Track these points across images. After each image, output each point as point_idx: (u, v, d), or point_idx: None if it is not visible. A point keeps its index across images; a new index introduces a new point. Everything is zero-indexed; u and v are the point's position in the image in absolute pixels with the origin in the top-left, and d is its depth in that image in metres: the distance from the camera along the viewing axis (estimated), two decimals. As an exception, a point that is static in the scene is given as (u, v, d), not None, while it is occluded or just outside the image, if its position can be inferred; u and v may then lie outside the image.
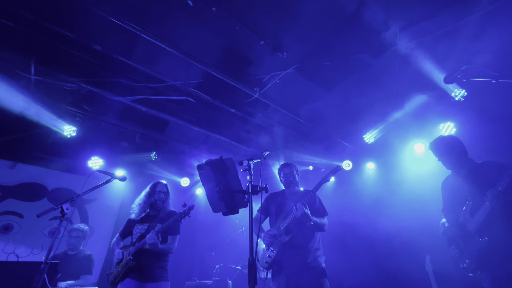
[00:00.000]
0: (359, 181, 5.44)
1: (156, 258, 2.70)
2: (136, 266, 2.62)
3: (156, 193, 2.91)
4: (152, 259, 2.67)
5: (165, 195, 2.94)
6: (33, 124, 3.98)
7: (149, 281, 2.61)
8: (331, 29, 3.05)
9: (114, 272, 2.68)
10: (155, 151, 5.15)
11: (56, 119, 4.06)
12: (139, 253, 2.64)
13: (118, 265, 2.68)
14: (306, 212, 2.44)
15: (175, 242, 2.81)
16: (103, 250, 5.13)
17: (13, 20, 2.88)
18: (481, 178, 2.18)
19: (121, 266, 2.64)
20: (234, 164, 1.80)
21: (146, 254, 2.64)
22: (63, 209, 2.04)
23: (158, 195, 2.90)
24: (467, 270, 2.19)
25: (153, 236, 2.56)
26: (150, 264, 2.65)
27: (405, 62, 3.34)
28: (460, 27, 2.90)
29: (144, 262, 2.64)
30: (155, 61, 3.48)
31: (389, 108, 4.19)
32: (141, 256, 2.64)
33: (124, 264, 2.64)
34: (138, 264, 2.63)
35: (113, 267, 2.73)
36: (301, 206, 2.44)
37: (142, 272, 2.62)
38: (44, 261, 1.90)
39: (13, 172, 4.65)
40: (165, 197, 2.93)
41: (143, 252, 2.64)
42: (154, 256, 2.68)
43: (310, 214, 2.47)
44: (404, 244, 4.19)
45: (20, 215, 4.55)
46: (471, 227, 2.17)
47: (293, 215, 2.50)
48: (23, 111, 3.71)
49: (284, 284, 2.42)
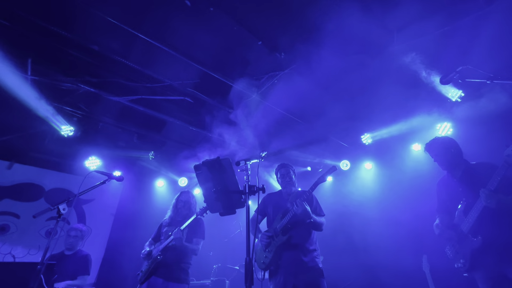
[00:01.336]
0: (356, 181, 5.46)
1: (182, 255, 2.94)
2: (163, 261, 2.86)
3: (178, 201, 3.30)
4: (178, 256, 2.92)
5: (185, 203, 3.25)
6: (30, 124, 3.97)
7: (172, 280, 2.83)
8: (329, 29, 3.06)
9: (143, 269, 2.94)
10: (152, 151, 5.14)
11: (53, 119, 4.05)
12: (166, 249, 2.89)
13: (148, 261, 2.95)
14: (307, 209, 2.44)
15: (199, 244, 3.07)
16: (101, 250, 5.12)
17: (9, 19, 2.87)
18: (475, 178, 2.20)
19: (150, 263, 2.90)
20: (231, 164, 1.80)
21: (172, 251, 2.89)
22: (60, 209, 2.04)
23: (179, 203, 3.27)
24: (462, 270, 2.21)
25: (178, 231, 2.86)
26: (176, 262, 2.90)
27: (402, 63, 3.35)
28: (457, 28, 2.92)
29: (170, 259, 2.88)
30: (153, 61, 3.48)
31: (387, 109, 4.21)
32: (168, 252, 2.89)
33: (153, 260, 2.88)
34: (165, 260, 2.87)
35: (143, 266, 2.98)
36: (301, 203, 2.44)
37: (168, 268, 2.86)
38: (40, 262, 1.89)
39: (10, 172, 4.63)
40: (185, 205, 3.24)
41: (170, 248, 2.90)
42: (180, 254, 2.93)
43: (310, 211, 2.48)
44: (401, 244, 4.22)
45: (17, 215, 4.53)
46: (464, 227, 2.19)
47: (292, 213, 2.50)
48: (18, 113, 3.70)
49: (282, 284, 2.42)
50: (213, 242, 5.68)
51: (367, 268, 4.49)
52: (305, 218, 2.47)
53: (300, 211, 2.42)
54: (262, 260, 2.58)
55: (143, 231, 4.76)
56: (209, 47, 3.29)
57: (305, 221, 2.49)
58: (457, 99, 3.77)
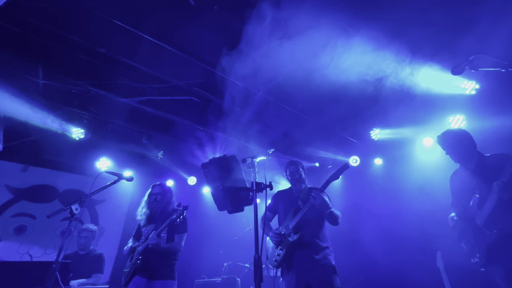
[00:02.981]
0: (366, 177, 5.38)
1: (163, 256, 2.77)
2: (143, 264, 2.70)
3: (150, 195, 3.03)
4: (159, 258, 2.75)
5: (159, 196, 2.99)
6: (43, 127, 4.08)
7: (157, 278, 2.69)
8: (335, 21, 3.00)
9: (126, 271, 2.81)
10: (161, 150, 5.20)
11: (65, 123, 4.16)
12: (146, 252, 2.72)
13: (129, 261, 2.82)
14: (325, 199, 2.40)
15: (182, 240, 2.87)
16: (114, 250, 5.23)
17: (20, 26, 2.95)
18: (489, 171, 2.13)
19: (131, 265, 2.76)
20: (238, 162, 1.80)
21: (153, 253, 2.72)
22: (72, 209, 2.08)
23: (151, 197, 3.01)
24: (478, 265, 2.15)
25: (154, 237, 2.66)
26: (157, 263, 2.73)
27: (413, 52, 3.26)
28: (470, 15, 2.80)
29: (152, 261, 2.72)
30: (159, 61, 3.51)
31: (396, 103, 4.11)
32: (149, 255, 2.72)
33: (133, 263, 2.74)
34: (146, 263, 2.71)
35: (126, 266, 2.86)
36: (318, 193, 2.39)
37: (150, 270, 2.71)
38: (55, 261, 1.94)
39: (25, 174, 4.78)
40: (159, 198, 2.98)
41: (150, 251, 2.71)
42: (161, 254, 2.75)
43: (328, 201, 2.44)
44: (414, 239, 4.14)
45: (33, 216, 4.68)
46: (479, 221, 2.13)
47: (307, 207, 2.46)
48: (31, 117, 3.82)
49: (294, 282, 2.40)
50: (223, 240, 5.73)
51: (379, 264, 4.42)
52: (324, 209, 2.42)
53: (319, 202, 2.37)
54: (274, 258, 2.56)
55: (154, 230, 4.83)
56: (214, 46, 3.29)
57: (324, 211, 2.45)
58: (471, 91, 3.64)
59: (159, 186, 3.10)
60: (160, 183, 3.14)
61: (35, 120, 3.91)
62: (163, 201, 2.98)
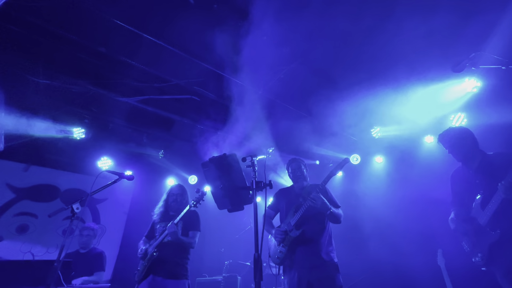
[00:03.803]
0: (367, 175, 5.37)
1: (178, 251, 2.85)
2: (159, 258, 2.78)
3: (170, 196, 3.15)
4: (174, 252, 2.82)
5: (178, 196, 3.11)
6: (44, 128, 4.10)
7: (171, 277, 2.75)
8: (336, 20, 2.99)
9: (140, 268, 2.86)
10: (162, 150, 5.21)
11: (64, 126, 4.20)
12: (161, 246, 2.81)
13: (144, 260, 2.87)
14: (324, 201, 2.41)
15: (195, 237, 2.97)
16: (115, 248, 5.25)
17: (20, 25, 2.95)
18: (492, 169, 2.11)
19: (146, 261, 2.82)
20: (237, 160, 1.80)
21: (168, 247, 2.80)
22: (73, 208, 2.09)
23: (171, 197, 3.13)
24: (479, 264, 2.15)
25: (172, 225, 2.76)
26: (172, 258, 2.80)
27: (413, 52, 3.24)
28: (472, 11, 2.78)
29: (166, 255, 2.79)
30: (159, 61, 3.50)
31: (398, 100, 4.10)
32: (163, 249, 2.80)
33: (149, 258, 2.80)
34: (161, 257, 2.78)
35: (139, 264, 2.90)
36: (318, 195, 2.40)
37: (165, 265, 2.77)
38: (56, 259, 1.95)
39: (26, 174, 4.80)
40: (179, 198, 3.10)
41: (165, 245, 2.81)
42: (176, 249, 2.84)
43: (328, 202, 2.45)
44: (415, 237, 4.14)
45: (35, 215, 4.70)
46: (482, 220, 2.11)
47: (306, 206, 2.47)
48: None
49: (296, 279, 2.40)
50: (225, 238, 5.74)
51: (380, 262, 4.43)
52: (324, 210, 2.44)
53: (319, 204, 2.39)
54: (277, 256, 2.57)
55: (155, 228, 4.85)
56: (214, 44, 3.28)
57: (324, 213, 2.46)
58: (472, 89, 3.62)
59: (179, 187, 3.22)
60: (179, 185, 3.28)
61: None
62: (182, 203, 3.09)
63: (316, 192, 2.43)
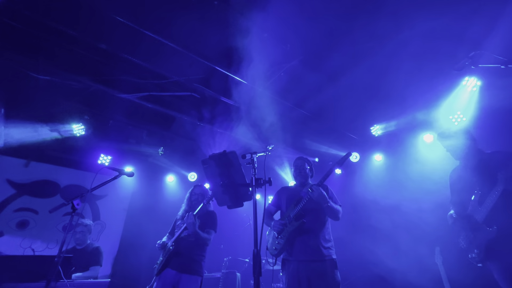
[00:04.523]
0: (366, 173, 5.39)
1: (194, 246, 2.97)
2: (175, 251, 2.92)
3: (192, 195, 3.33)
4: (190, 246, 2.96)
5: (199, 196, 3.26)
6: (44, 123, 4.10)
7: (186, 272, 2.86)
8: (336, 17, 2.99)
9: (158, 261, 3.01)
10: (162, 146, 5.21)
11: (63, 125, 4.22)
12: (179, 240, 2.97)
13: (162, 252, 3.03)
14: (322, 192, 2.44)
15: (211, 235, 3.09)
16: (115, 244, 5.27)
17: (19, 21, 2.94)
18: (490, 168, 2.13)
19: (164, 254, 2.98)
20: (237, 157, 1.81)
21: (185, 241, 2.96)
22: (74, 204, 2.10)
23: (194, 196, 3.30)
24: (475, 260, 2.17)
25: (191, 216, 2.90)
26: (189, 252, 2.94)
27: (414, 50, 3.24)
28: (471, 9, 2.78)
29: (183, 249, 2.94)
30: (159, 57, 3.50)
31: (397, 99, 4.10)
32: (180, 243, 2.96)
33: (166, 251, 2.95)
34: (177, 250, 2.93)
35: (159, 258, 3.04)
36: (317, 187, 2.44)
37: (181, 259, 2.90)
38: (57, 255, 1.97)
39: (27, 170, 4.80)
40: (200, 198, 3.24)
41: (182, 239, 2.97)
42: (193, 244, 2.96)
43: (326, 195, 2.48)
44: (413, 235, 4.16)
45: (35, 211, 4.71)
46: (479, 217, 2.14)
47: (307, 198, 2.50)
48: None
49: (296, 276, 2.41)
50: (224, 235, 5.75)
51: (377, 260, 4.46)
52: (321, 202, 2.46)
53: (316, 195, 2.42)
54: (275, 246, 2.60)
55: (155, 225, 4.88)
56: (214, 41, 3.28)
57: (322, 205, 2.48)
58: (472, 88, 3.62)
59: (200, 187, 3.39)
60: (200, 185, 3.44)
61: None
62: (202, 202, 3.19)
63: (316, 185, 2.47)
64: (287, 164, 5.80)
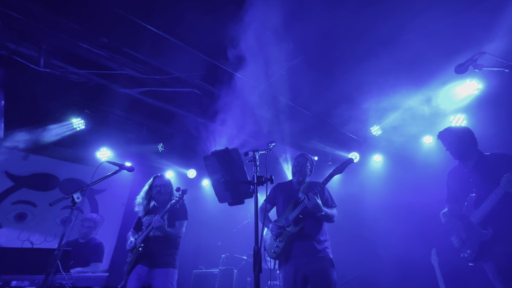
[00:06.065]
0: (365, 174, 5.41)
1: (165, 244, 2.81)
2: (145, 252, 2.75)
3: (153, 187, 3.03)
4: (161, 245, 2.79)
5: (162, 188, 3.00)
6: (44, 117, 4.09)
7: (158, 266, 2.73)
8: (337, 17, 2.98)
9: (128, 260, 2.84)
10: (162, 142, 5.21)
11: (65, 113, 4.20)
12: (148, 240, 2.78)
13: (131, 252, 2.84)
14: (318, 203, 2.43)
15: (182, 227, 2.91)
16: (113, 239, 5.28)
17: (21, 12, 2.91)
18: (488, 169, 2.14)
19: (133, 254, 2.80)
20: (239, 155, 1.81)
21: (155, 241, 2.77)
22: (74, 198, 2.10)
23: (155, 189, 3.01)
24: (467, 260, 2.19)
25: (158, 219, 2.67)
26: (159, 251, 2.78)
27: (415, 52, 3.25)
28: (474, 12, 2.78)
29: (153, 249, 2.77)
30: (161, 52, 3.49)
31: (398, 100, 4.11)
32: (150, 243, 2.77)
33: (136, 251, 2.78)
34: (147, 251, 2.75)
35: (128, 256, 2.88)
36: (313, 197, 2.43)
37: (152, 258, 2.75)
38: (57, 248, 1.97)
39: (26, 162, 4.79)
40: (163, 190, 3.00)
41: (152, 239, 2.77)
42: (163, 242, 2.80)
43: (321, 204, 2.48)
44: (410, 236, 4.19)
45: (34, 204, 4.71)
46: (474, 219, 2.15)
47: (304, 205, 2.50)
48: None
49: (292, 274, 2.43)
50: (222, 232, 5.78)
51: (374, 260, 4.49)
52: (316, 212, 2.47)
53: (311, 205, 2.42)
54: (273, 250, 2.60)
55: (153, 220, 4.87)
56: (216, 37, 3.26)
57: (316, 214, 2.50)
58: (473, 90, 3.63)
59: (161, 178, 3.11)
60: (161, 175, 3.16)
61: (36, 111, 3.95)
62: (166, 193, 3.01)
63: (314, 193, 2.46)
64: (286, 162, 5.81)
